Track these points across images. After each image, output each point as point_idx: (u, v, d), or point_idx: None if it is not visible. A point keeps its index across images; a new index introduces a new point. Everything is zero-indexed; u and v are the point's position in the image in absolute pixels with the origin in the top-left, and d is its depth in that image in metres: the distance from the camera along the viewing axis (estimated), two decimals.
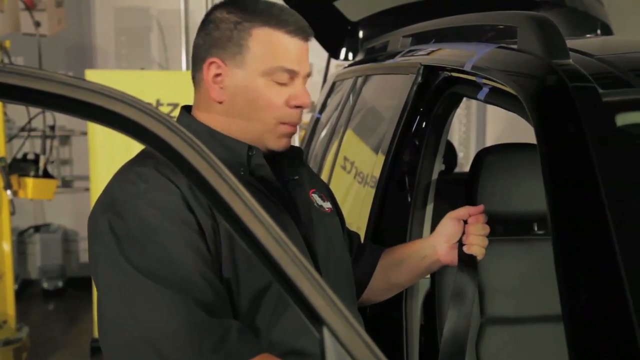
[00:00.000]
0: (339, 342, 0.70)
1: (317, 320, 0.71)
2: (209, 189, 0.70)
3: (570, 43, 1.22)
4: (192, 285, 1.06)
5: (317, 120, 2.93)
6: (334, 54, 3.03)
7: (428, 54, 1.78)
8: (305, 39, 1.27)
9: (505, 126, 5.68)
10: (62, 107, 0.71)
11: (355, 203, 2.02)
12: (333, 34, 2.91)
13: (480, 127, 6.36)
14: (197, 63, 1.29)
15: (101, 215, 1.13)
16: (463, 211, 1.46)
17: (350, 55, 2.98)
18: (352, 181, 2.17)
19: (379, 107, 2.20)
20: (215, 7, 1.29)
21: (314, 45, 3.01)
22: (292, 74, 1.25)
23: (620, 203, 0.87)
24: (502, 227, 1.97)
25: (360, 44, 2.87)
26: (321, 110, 2.92)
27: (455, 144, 6.32)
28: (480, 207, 1.45)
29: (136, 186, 1.13)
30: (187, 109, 1.34)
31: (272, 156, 1.34)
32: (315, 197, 1.41)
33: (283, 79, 1.24)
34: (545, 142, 0.98)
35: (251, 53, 1.23)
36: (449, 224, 1.47)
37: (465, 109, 6.26)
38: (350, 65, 2.76)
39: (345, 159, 2.34)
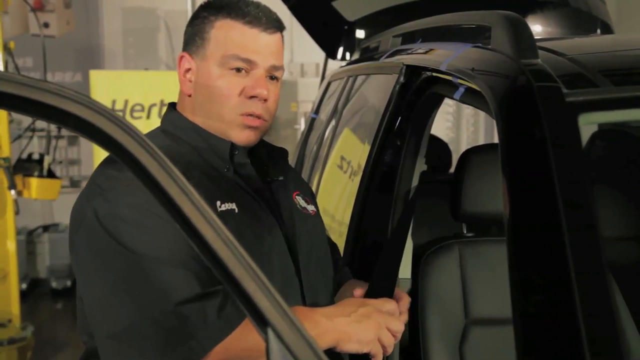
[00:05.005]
0: (283, 343, 0.71)
1: (262, 321, 0.71)
2: (158, 189, 0.71)
3: (546, 42, 1.21)
4: (187, 262, 1.08)
5: (313, 120, 2.93)
6: (331, 53, 3.03)
7: (411, 54, 1.78)
8: (265, 30, 1.25)
9: None
10: (17, 107, 0.72)
11: (351, 202, 2.01)
12: (330, 33, 2.91)
13: (489, 127, 6.32)
14: None
15: (87, 203, 1.14)
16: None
17: (348, 55, 2.97)
18: (348, 180, 2.17)
19: (368, 106, 2.19)
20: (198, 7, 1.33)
21: (313, 45, 3.02)
22: (249, 64, 1.24)
23: (576, 205, 0.86)
24: (497, 228, 1.95)
25: (357, 43, 2.87)
26: (317, 110, 2.92)
27: (463, 143, 6.29)
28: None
29: (124, 174, 1.13)
30: (174, 105, 1.37)
31: (258, 157, 1.35)
32: (299, 199, 1.41)
33: (237, 65, 1.23)
34: (506, 142, 0.97)
35: (211, 44, 1.25)
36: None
37: (473, 109, 6.23)
38: (345, 65, 2.76)
39: (342, 158, 2.34)
